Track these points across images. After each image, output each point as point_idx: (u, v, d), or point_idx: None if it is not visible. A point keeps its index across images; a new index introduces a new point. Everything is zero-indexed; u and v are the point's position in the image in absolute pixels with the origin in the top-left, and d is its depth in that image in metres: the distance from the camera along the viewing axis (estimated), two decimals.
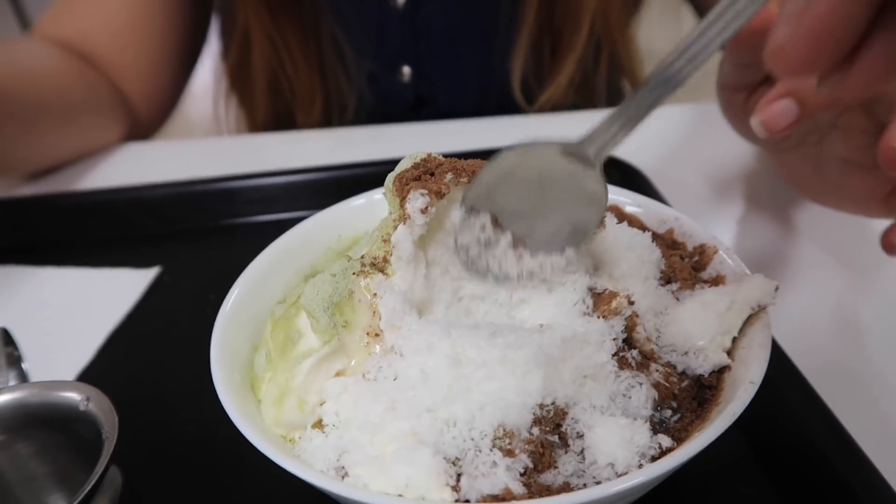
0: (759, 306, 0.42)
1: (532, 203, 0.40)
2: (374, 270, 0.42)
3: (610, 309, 0.43)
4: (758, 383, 0.38)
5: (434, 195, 0.42)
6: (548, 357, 0.39)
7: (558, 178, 0.39)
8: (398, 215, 0.43)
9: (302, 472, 0.36)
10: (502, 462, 0.36)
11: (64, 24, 0.94)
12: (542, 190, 0.39)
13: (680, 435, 0.39)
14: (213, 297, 0.48)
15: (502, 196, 0.40)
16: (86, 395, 0.40)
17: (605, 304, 0.44)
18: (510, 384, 0.38)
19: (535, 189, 0.39)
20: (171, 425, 0.54)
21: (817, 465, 0.44)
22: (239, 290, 0.49)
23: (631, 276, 0.46)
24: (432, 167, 0.44)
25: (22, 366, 0.48)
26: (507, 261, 0.40)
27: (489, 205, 0.40)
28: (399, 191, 0.43)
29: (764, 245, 0.73)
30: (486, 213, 0.40)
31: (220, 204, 0.79)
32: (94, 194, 0.81)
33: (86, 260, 0.72)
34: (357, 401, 0.39)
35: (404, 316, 0.41)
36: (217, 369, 0.42)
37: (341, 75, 0.99)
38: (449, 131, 0.96)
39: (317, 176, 0.81)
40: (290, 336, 0.42)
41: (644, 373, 0.41)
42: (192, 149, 0.99)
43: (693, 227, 0.51)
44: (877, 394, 0.53)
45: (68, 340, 0.62)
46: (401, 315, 0.41)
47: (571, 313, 0.44)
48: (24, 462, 0.43)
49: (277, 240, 0.53)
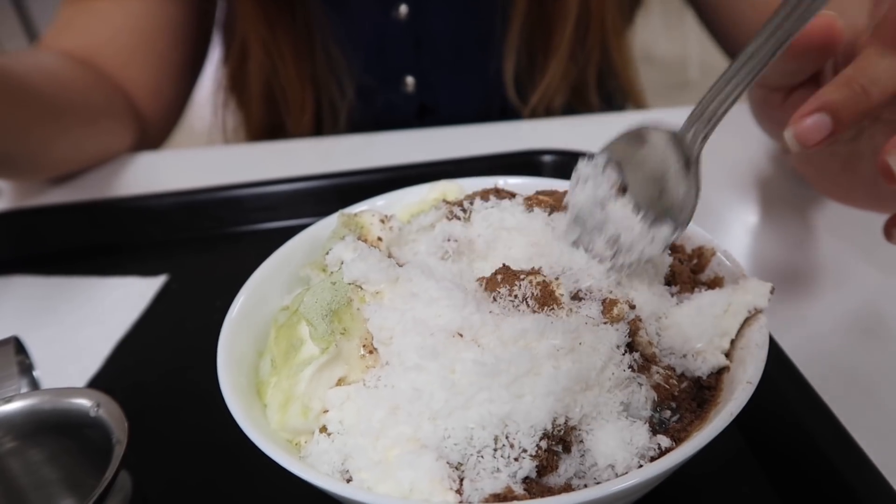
0: (756, 309, 0.43)
1: (646, 192, 0.44)
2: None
3: (612, 316, 0.44)
4: (755, 383, 0.39)
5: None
6: (564, 387, 0.38)
7: (668, 172, 0.43)
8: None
9: (309, 476, 0.36)
10: (505, 469, 0.37)
11: (67, 40, 0.95)
12: (654, 181, 0.43)
13: (679, 435, 0.40)
14: (219, 303, 0.49)
15: (628, 172, 0.43)
16: (96, 401, 0.41)
17: (608, 312, 0.45)
18: (519, 408, 0.38)
19: (650, 179, 0.43)
20: (180, 430, 0.55)
21: (816, 464, 0.44)
22: (245, 296, 0.49)
23: (640, 279, 0.46)
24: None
25: (33, 373, 0.49)
26: (622, 224, 0.44)
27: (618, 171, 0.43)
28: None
29: (762, 246, 0.73)
30: (617, 173, 0.43)
31: (225, 212, 0.80)
32: (101, 204, 0.82)
33: (94, 269, 0.74)
34: (359, 408, 0.40)
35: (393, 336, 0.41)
36: (224, 375, 0.43)
37: (334, 87, 1.00)
38: (450, 138, 0.97)
39: (320, 183, 0.81)
40: (292, 343, 0.43)
41: (645, 375, 0.42)
42: (196, 158, 1.00)
43: (692, 229, 0.52)
44: (877, 393, 0.54)
45: (78, 348, 0.63)
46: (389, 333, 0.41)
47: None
48: (37, 467, 0.43)
49: (282, 247, 0.54)
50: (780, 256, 0.70)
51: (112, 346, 0.63)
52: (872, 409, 0.52)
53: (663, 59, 3.68)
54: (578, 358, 0.39)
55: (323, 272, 0.48)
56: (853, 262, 0.69)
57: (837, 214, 0.77)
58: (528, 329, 0.39)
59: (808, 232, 0.74)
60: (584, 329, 0.41)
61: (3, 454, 0.42)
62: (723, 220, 0.77)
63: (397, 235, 0.51)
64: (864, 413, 0.50)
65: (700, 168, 0.42)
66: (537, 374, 0.38)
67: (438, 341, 0.40)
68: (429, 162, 0.84)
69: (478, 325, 0.40)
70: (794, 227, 0.76)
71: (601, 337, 0.41)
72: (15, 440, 0.42)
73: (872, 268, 0.68)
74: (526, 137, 0.94)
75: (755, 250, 0.72)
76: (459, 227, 0.49)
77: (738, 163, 0.88)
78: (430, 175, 0.62)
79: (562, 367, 0.38)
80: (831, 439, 0.45)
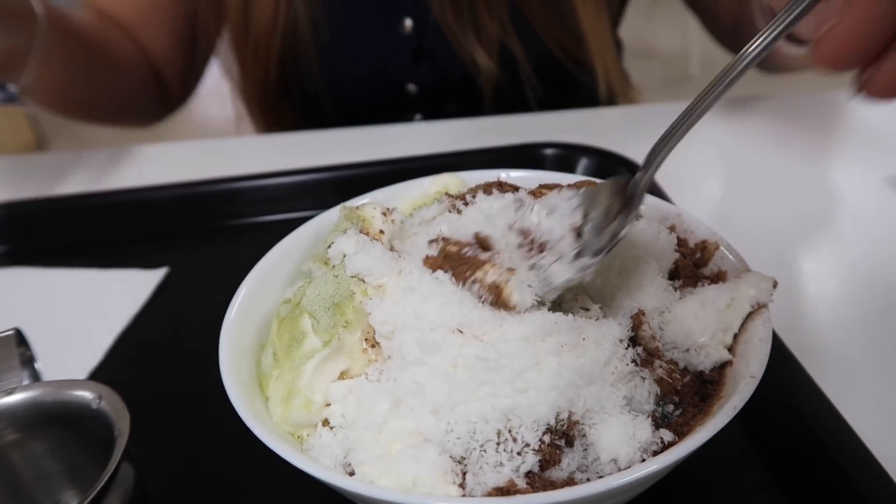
0: (759, 303, 0.43)
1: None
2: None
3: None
4: (758, 377, 0.39)
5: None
6: (567, 382, 0.38)
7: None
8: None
9: (312, 469, 0.36)
10: (508, 463, 0.37)
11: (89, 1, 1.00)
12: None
13: (682, 430, 0.40)
14: (220, 296, 0.49)
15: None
16: (98, 393, 0.41)
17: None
18: (523, 403, 0.38)
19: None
20: (181, 422, 0.55)
21: (819, 458, 0.44)
22: (246, 289, 0.49)
23: (643, 274, 0.46)
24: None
25: (35, 365, 0.49)
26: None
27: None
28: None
29: (766, 240, 0.73)
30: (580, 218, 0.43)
31: (226, 204, 0.80)
32: (102, 196, 0.82)
33: (96, 261, 0.73)
34: (362, 401, 0.40)
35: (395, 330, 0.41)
36: (226, 367, 0.43)
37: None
38: (449, 131, 0.97)
39: (321, 176, 0.81)
40: (294, 336, 0.43)
41: (648, 369, 0.42)
42: (197, 150, 1.00)
43: (695, 223, 0.52)
44: (879, 387, 0.54)
45: (79, 340, 0.63)
46: (391, 327, 0.41)
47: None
48: (38, 459, 0.43)
49: (283, 239, 0.54)
50: (784, 250, 0.70)
51: (113, 338, 0.63)
52: (875, 403, 0.52)
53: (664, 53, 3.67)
54: (582, 353, 0.39)
55: (325, 265, 0.48)
56: (857, 256, 0.69)
57: (841, 209, 0.77)
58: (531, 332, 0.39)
59: (812, 226, 0.74)
60: (587, 324, 0.41)
61: (5, 446, 0.42)
62: (726, 213, 0.77)
63: (399, 228, 0.51)
64: (866, 407, 0.50)
65: (636, 208, 0.43)
66: (540, 368, 0.38)
67: (440, 336, 0.39)
68: (431, 154, 0.84)
69: (478, 323, 0.40)
70: (798, 221, 0.75)
71: (604, 331, 0.41)
72: (16, 432, 0.42)
73: (875, 262, 0.68)
74: (528, 130, 0.94)
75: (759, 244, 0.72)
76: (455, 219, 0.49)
77: (740, 157, 0.88)
78: (432, 168, 0.61)
79: (565, 362, 0.38)
80: (834, 433, 0.45)
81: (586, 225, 0.43)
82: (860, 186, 0.80)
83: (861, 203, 0.77)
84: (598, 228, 0.42)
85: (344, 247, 0.46)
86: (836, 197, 0.79)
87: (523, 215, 0.45)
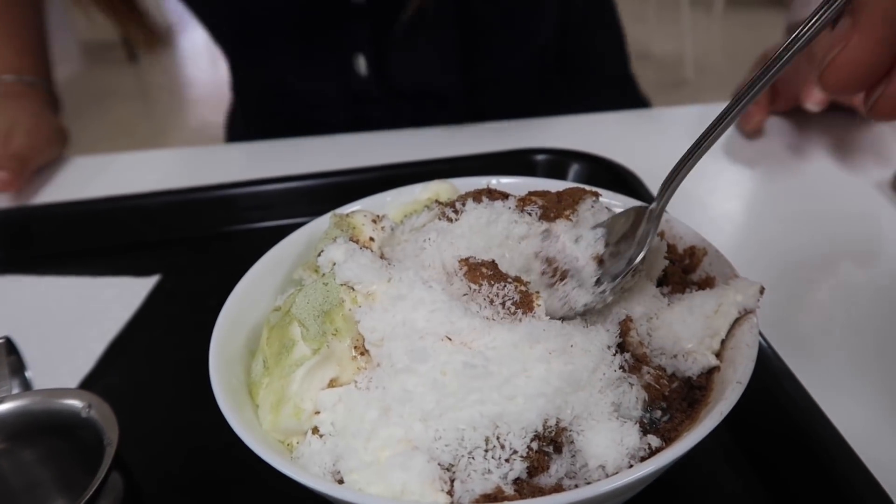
0: (746, 309, 0.43)
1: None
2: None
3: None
4: (745, 383, 0.39)
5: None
6: (555, 388, 0.38)
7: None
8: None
9: (301, 477, 0.36)
10: (497, 470, 0.37)
11: None
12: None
13: (669, 435, 0.40)
14: (212, 303, 0.49)
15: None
16: (87, 402, 0.41)
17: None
18: (511, 409, 0.38)
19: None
20: (172, 431, 0.54)
21: (806, 463, 0.45)
22: (237, 296, 0.49)
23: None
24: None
25: (25, 374, 0.49)
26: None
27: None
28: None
29: (754, 245, 0.73)
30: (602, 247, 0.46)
31: (218, 211, 0.80)
32: (94, 203, 0.82)
33: (87, 269, 0.73)
34: (351, 409, 0.40)
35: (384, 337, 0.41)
36: (216, 375, 0.43)
37: None
38: (443, 137, 0.97)
39: (313, 183, 0.81)
40: (284, 344, 0.43)
41: (635, 375, 0.42)
42: (190, 157, 1.00)
43: (683, 228, 0.52)
44: (867, 392, 0.54)
45: (70, 348, 0.63)
46: (380, 335, 0.42)
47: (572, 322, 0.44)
48: (28, 468, 0.44)
49: (275, 246, 0.54)
50: (772, 256, 0.71)
51: (105, 346, 0.63)
52: (862, 407, 0.53)
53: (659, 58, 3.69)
54: (569, 359, 0.39)
55: (315, 273, 0.48)
56: (843, 261, 0.69)
57: (829, 214, 0.77)
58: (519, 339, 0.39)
59: (800, 232, 0.75)
60: (575, 330, 0.41)
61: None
62: (714, 219, 0.78)
63: (389, 236, 0.51)
64: (854, 411, 0.51)
65: (654, 232, 0.45)
66: (528, 375, 0.38)
67: (428, 344, 0.40)
68: (421, 161, 0.84)
69: (466, 331, 0.40)
70: (786, 226, 0.76)
71: (592, 338, 0.41)
72: (6, 441, 0.42)
73: (862, 267, 0.68)
74: (519, 137, 0.94)
75: (747, 250, 0.73)
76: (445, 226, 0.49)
77: (728, 165, 0.89)
78: (422, 174, 0.62)
79: (553, 369, 0.38)
80: (822, 437, 0.45)
81: (606, 253, 0.46)
82: (848, 192, 0.81)
83: (849, 208, 0.78)
84: (617, 255, 0.45)
85: (333, 255, 0.46)
86: (824, 203, 0.80)
87: (550, 245, 0.47)
